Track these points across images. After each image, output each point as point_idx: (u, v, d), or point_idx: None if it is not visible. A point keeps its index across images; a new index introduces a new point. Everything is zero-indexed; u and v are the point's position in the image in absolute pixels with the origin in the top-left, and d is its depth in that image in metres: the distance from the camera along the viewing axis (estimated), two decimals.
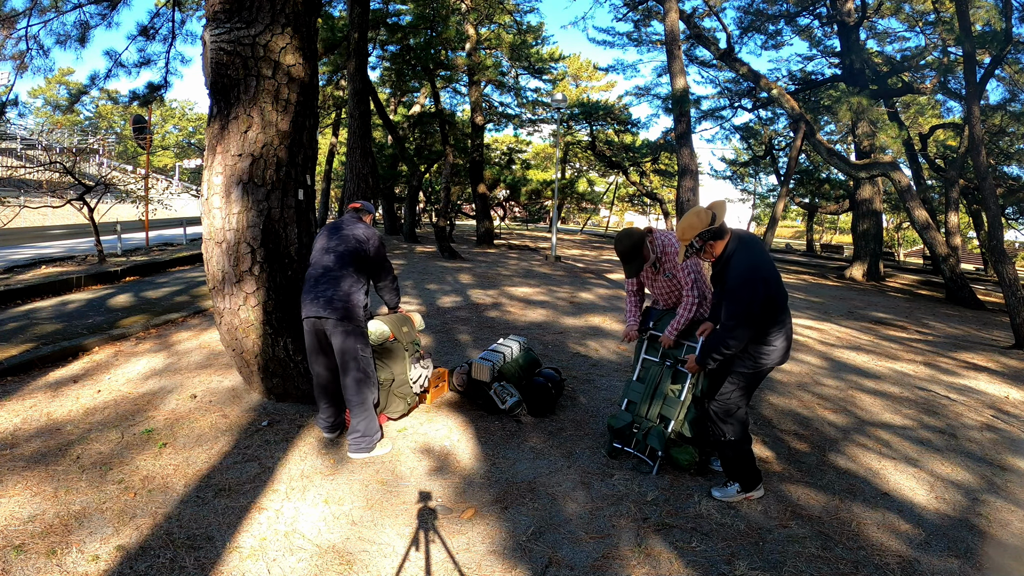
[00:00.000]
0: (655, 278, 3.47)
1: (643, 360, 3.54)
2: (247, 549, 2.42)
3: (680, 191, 9.28)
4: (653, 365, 3.46)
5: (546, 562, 2.43)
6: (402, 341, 3.80)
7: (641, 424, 3.35)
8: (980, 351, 7.48)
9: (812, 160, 23.38)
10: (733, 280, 2.75)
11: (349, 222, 3.53)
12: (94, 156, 24.86)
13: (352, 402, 3.28)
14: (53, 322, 6.05)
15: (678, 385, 3.34)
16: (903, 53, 17.80)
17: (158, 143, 47.59)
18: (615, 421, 3.39)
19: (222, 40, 3.48)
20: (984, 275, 23.94)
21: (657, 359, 3.45)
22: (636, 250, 3.26)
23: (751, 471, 2.98)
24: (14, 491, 2.73)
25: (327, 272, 3.30)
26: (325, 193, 24.62)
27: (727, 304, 2.77)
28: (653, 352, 3.50)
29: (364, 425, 3.26)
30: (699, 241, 2.83)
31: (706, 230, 2.81)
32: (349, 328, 3.24)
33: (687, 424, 3.24)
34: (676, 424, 3.25)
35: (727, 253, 2.82)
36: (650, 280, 3.52)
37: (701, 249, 2.86)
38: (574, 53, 38.42)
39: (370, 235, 3.50)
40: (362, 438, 3.26)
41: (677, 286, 3.40)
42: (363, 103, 10.03)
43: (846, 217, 32.64)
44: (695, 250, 2.88)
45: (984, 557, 2.64)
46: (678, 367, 3.26)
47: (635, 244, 3.26)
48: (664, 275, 3.40)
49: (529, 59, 19.49)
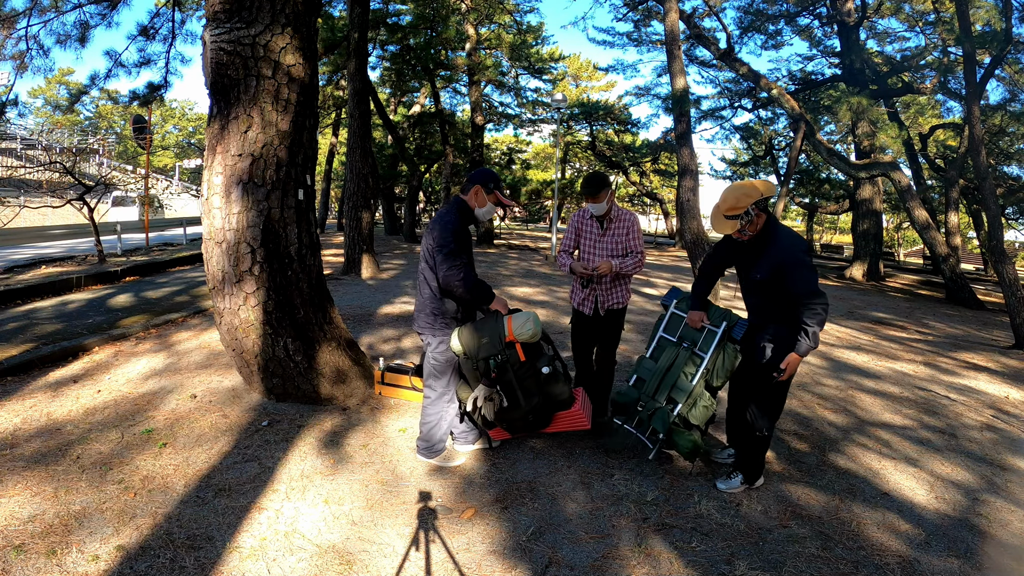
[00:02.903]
0: (600, 239, 3.57)
1: (659, 338, 3.47)
2: (247, 549, 2.42)
3: (680, 191, 9.27)
4: (669, 345, 3.38)
5: (546, 562, 2.43)
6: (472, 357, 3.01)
7: (647, 404, 3.28)
8: (980, 351, 7.48)
9: (812, 160, 23.37)
10: (788, 257, 2.74)
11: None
12: (94, 156, 24.87)
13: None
14: (53, 322, 6.05)
15: (692, 368, 3.26)
16: (903, 53, 17.81)
17: (158, 143, 47.57)
18: (620, 396, 3.36)
19: (222, 40, 3.48)
20: (984, 275, 23.93)
21: (674, 339, 3.38)
22: (603, 183, 3.43)
23: (761, 464, 3.07)
24: (14, 491, 2.73)
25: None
26: (325, 193, 24.64)
27: (798, 277, 2.71)
28: (671, 331, 3.44)
29: (424, 430, 3.25)
30: (754, 209, 2.78)
31: (761, 198, 2.78)
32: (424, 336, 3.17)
33: (694, 410, 3.17)
34: (683, 408, 3.18)
35: (768, 228, 2.83)
36: (593, 241, 3.59)
37: (751, 220, 2.79)
38: (574, 53, 38.44)
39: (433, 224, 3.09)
40: (419, 440, 3.30)
41: (618, 252, 3.54)
42: (363, 103, 10.02)
43: (846, 217, 32.63)
44: (747, 219, 2.79)
45: (984, 557, 2.64)
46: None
47: (604, 180, 3.46)
48: (610, 237, 3.55)
49: (529, 59, 19.51)
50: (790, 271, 2.74)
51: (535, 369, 2.98)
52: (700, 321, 3.26)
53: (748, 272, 2.95)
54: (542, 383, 3.00)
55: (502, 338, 2.92)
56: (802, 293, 2.70)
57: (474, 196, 3.08)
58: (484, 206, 3.09)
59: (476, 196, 3.07)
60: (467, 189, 3.11)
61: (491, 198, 3.08)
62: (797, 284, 2.71)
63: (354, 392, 4.08)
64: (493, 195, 3.08)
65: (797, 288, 2.71)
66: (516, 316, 2.98)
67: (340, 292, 8.20)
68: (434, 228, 3.01)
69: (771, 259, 2.79)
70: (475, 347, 2.95)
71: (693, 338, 3.32)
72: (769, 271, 2.81)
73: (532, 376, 2.98)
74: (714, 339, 3.21)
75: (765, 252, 2.82)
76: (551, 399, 3.05)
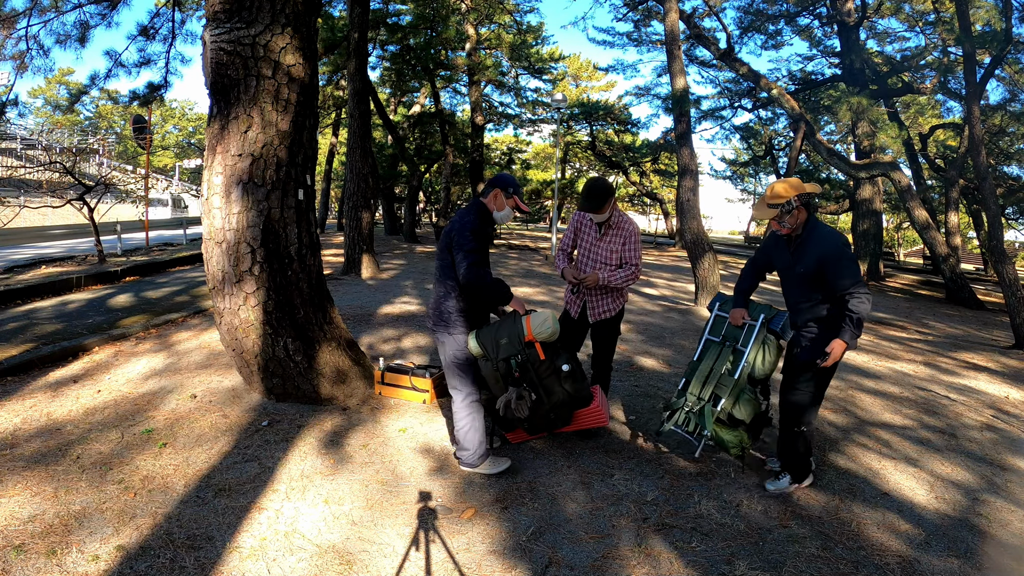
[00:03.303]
0: (596, 243, 3.53)
1: (705, 341, 3.47)
2: (247, 549, 2.42)
3: (680, 191, 9.27)
4: (713, 345, 3.40)
5: (546, 562, 2.43)
6: (491, 359, 3.02)
7: (691, 402, 3.27)
8: (980, 351, 7.48)
9: (812, 160, 23.35)
10: (831, 248, 2.83)
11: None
12: (94, 156, 24.86)
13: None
14: (53, 322, 6.05)
15: (733, 363, 3.26)
16: (903, 53, 17.81)
17: (158, 143, 47.58)
18: (670, 403, 3.36)
19: (222, 40, 3.48)
20: (984, 275, 23.94)
21: (718, 339, 3.38)
22: (606, 195, 3.36)
23: (807, 462, 3.09)
24: (14, 491, 2.73)
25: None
26: (325, 193, 24.64)
27: (842, 267, 2.80)
28: (715, 333, 3.44)
29: (459, 436, 3.17)
30: (797, 200, 2.87)
31: (805, 192, 2.88)
32: (440, 336, 3.13)
33: (739, 405, 3.13)
34: (726, 402, 3.13)
35: (810, 224, 2.92)
36: (590, 244, 3.56)
37: (791, 211, 2.89)
38: (574, 53, 38.46)
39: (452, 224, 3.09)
40: (458, 451, 3.20)
41: (614, 259, 3.49)
42: (363, 103, 10.02)
43: (846, 217, 32.61)
44: (788, 210, 2.88)
45: (984, 557, 2.64)
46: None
47: (607, 188, 3.39)
48: (607, 243, 3.50)
49: (529, 59, 19.50)
50: (833, 263, 2.82)
51: (555, 367, 3.01)
52: (741, 318, 3.28)
53: (791, 267, 3.02)
54: (563, 380, 3.03)
55: (521, 338, 2.96)
56: (846, 283, 2.78)
57: (494, 199, 3.13)
58: (503, 209, 3.15)
59: (496, 199, 3.13)
60: (487, 192, 3.16)
61: (510, 202, 3.15)
62: (842, 273, 2.79)
63: (354, 392, 4.09)
64: (512, 199, 3.14)
65: (842, 277, 2.79)
66: (535, 316, 3.02)
67: (340, 292, 8.20)
68: (454, 228, 3.04)
69: (813, 252, 2.88)
70: (494, 348, 2.99)
71: (735, 336, 3.32)
72: (813, 264, 2.88)
73: (553, 374, 3.01)
74: (753, 332, 3.22)
75: (807, 246, 2.91)
76: (572, 396, 3.07)
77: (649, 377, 5.02)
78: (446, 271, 3.09)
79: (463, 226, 3.00)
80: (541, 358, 2.99)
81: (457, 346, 3.09)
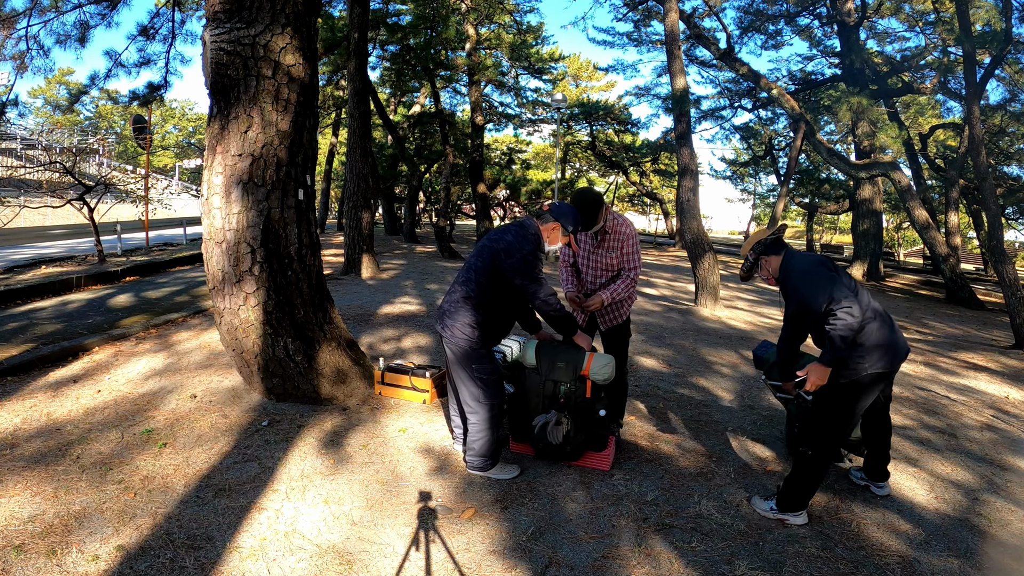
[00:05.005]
0: (594, 251, 3.49)
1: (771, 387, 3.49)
2: (247, 549, 2.42)
3: (680, 191, 9.27)
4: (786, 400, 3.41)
5: (546, 562, 2.43)
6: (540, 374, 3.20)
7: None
8: (980, 351, 7.48)
9: (812, 160, 23.36)
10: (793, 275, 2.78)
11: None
12: (94, 156, 24.86)
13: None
14: (53, 322, 6.05)
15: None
16: (903, 53, 17.80)
17: (158, 143, 47.58)
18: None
19: (222, 40, 3.48)
20: (984, 275, 23.94)
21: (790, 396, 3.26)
22: (597, 204, 3.29)
23: (802, 495, 2.76)
24: (14, 491, 2.73)
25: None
26: (325, 193, 24.63)
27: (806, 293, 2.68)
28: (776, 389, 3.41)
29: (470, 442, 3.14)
30: (753, 255, 2.91)
31: (758, 242, 2.90)
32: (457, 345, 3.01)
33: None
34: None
35: (783, 265, 2.86)
36: (588, 253, 3.52)
37: (754, 264, 2.92)
38: (574, 53, 38.43)
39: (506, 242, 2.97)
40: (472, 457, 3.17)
41: (614, 264, 3.46)
42: (363, 103, 10.02)
43: (846, 217, 32.62)
44: (749, 265, 2.94)
45: (984, 557, 2.64)
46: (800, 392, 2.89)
47: (597, 199, 3.30)
48: (605, 250, 3.45)
49: (529, 59, 19.49)
50: (796, 293, 2.74)
51: (594, 409, 3.09)
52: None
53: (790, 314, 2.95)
54: (594, 424, 3.11)
55: (578, 370, 3.09)
56: (820, 303, 2.61)
57: (551, 231, 3.06)
58: (556, 244, 3.09)
59: (553, 232, 3.06)
60: (546, 219, 3.06)
61: (564, 239, 3.10)
62: (812, 300, 2.65)
63: (354, 392, 4.09)
64: (568, 237, 3.10)
65: (816, 304, 2.63)
66: (598, 356, 3.14)
67: (340, 292, 8.20)
68: (505, 247, 2.92)
69: (788, 292, 2.81)
70: (548, 366, 3.12)
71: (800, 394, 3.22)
72: (791, 304, 2.82)
73: (589, 414, 3.09)
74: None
75: (786, 288, 2.83)
76: (593, 440, 3.16)
77: (649, 377, 5.02)
78: (480, 289, 2.96)
79: (524, 258, 2.89)
80: (587, 395, 3.09)
81: (485, 363, 2.99)
